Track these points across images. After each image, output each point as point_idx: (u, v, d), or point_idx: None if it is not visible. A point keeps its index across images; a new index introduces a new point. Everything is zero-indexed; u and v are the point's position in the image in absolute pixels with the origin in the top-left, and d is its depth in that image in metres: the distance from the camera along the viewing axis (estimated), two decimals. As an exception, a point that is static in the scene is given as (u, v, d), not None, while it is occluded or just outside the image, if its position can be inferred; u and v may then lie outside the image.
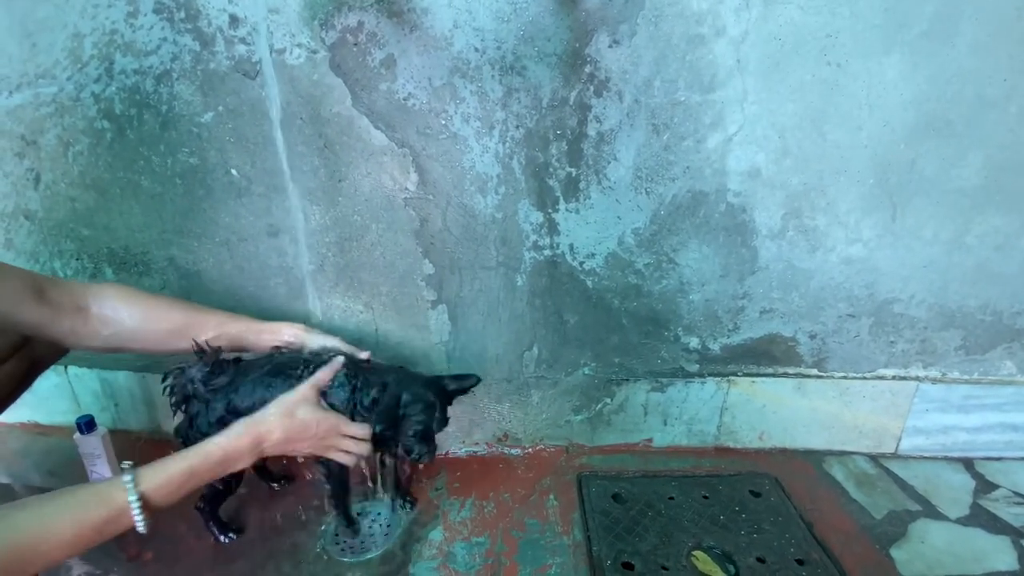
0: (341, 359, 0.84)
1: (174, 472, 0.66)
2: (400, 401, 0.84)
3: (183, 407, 0.87)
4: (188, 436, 0.86)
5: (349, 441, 0.80)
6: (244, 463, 0.73)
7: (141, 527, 0.63)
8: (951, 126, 0.94)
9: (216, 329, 0.86)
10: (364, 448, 0.82)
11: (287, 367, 0.84)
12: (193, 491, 0.69)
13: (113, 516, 0.62)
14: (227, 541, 0.94)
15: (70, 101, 0.99)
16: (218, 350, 0.86)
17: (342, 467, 0.88)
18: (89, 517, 0.60)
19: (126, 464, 0.65)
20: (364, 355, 0.89)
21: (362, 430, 0.81)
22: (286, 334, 0.89)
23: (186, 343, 0.84)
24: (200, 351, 0.84)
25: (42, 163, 1.04)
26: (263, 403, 0.77)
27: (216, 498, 0.93)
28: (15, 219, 1.09)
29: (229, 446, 0.70)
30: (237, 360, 0.89)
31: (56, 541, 0.58)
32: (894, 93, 0.92)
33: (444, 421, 0.87)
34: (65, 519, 0.59)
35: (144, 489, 0.63)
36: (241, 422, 0.74)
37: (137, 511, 0.62)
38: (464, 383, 0.90)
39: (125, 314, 0.81)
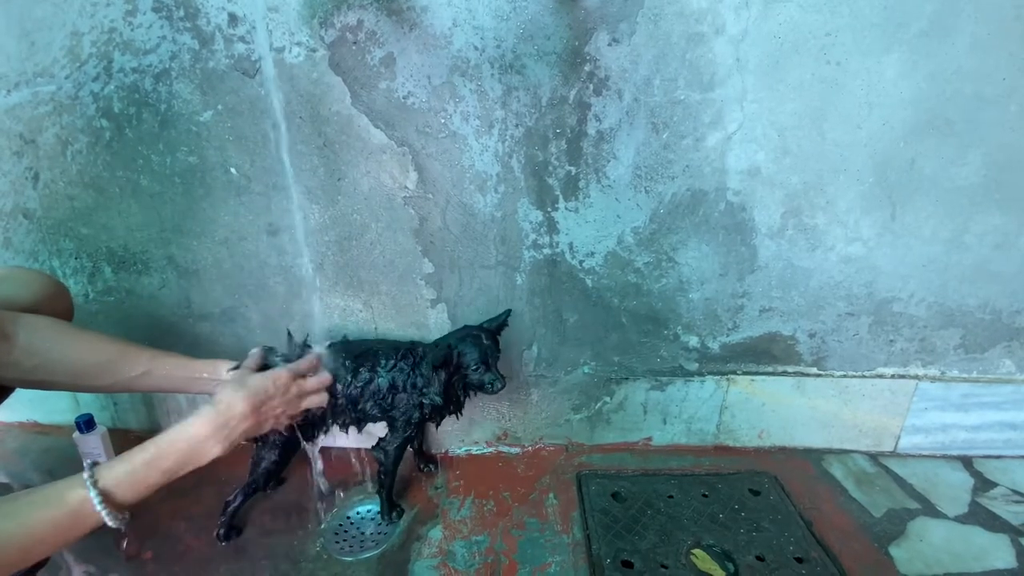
0: (316, 352, 0.85)
1: (137, 464, 0.64)
2: (452, 348, 0.91)
3: None
4: None
5: (308, 387, 0.80)
6: (214, 449, 0.69)
7: (111, 522, 0.61)
8: (950, 125, 0.94)
9: (148, 364, 0.81)
10: (325, 384, 0.82)
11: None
12: (163, 485, 0.66)
13: (72, 517, 0.59)
14: (223, 544, 0.93)
15: (68, 100, 0.99)
16: (304, 342, 0.89)
17: (397, 453, 0.96)
18: (49, 520, 0.58)
19: (86, 462, 0.63)
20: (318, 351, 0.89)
21: (319, 380, 0.81)
22: (223, 372, 0.83)
23: (112, 379, 0.80)
24: (289, 336, 0.89)
25: (40, 162, 1.03)
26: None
27: (248, 495, 0.94)
28: (14, 218, 1.08)
29: (192, 430, 0.68)
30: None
31: (14, 550, 0.56)
32: (893, 92, 0.92)
33: (497, 350, 0.95)
34: (19, 527, 0.57)
35: (105, 485, 0.61)
36: (200, 408, 0.70)
37: (100, 507, 0.60)
38: (497, 320, 0.98)
39: (53, 344, 0.76)
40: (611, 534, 0.94)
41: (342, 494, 1.05)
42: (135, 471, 0.64)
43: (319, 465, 0.98)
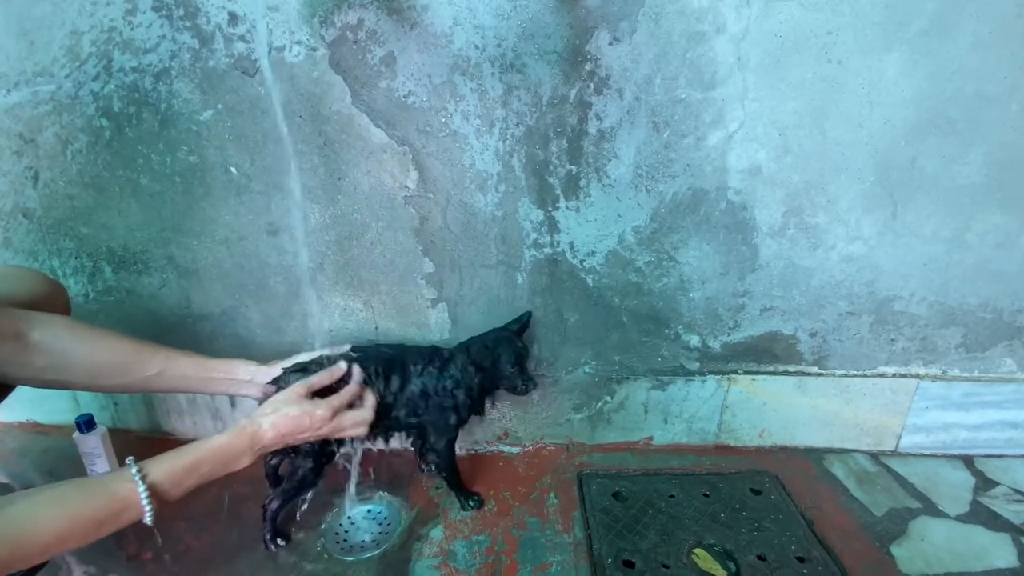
0: (342, 365, 0.85)
1: (178, 466, 0.67)
2: (490, 349, 0.94)
3: None
4: None
5: (347, 423, 0.81)
6: (245, 461, 0.73)
7: (149, 519, 0.63)
8: (952, 123, 0.94)
9: (163, 363, 0.81)
10: (366, 418, 0.84)
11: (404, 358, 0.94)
12: (196, 488, 0.69)
13: (116, 509, 0.61)
14: (275, 550, 0.92)
15: (68, 99, 0.98)
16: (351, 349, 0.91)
17: (450, 444, 0.97)
18: (91, 509, 0.60)
19: (129, 459, 0.65)
20: (343, 348, 0.92)
21: (359, 415, 0.83)
22: (241, 371, 0.85)
23: (128, 378, 0.80)
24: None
25: (40, 161, 1.03)
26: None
27: (288, 498, 0.92)
28: (14, 217, 1.08)
29: (230, 443, 0.71)
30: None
31: (51, 535, 0.57)
32: (895, 90, 0.92)
33: (527, 350, 0.98)
34: (62, 512, 0.58)
35: (152, 481, 0.63)
36: (241, 422, 0.75)
37: (147, 502, 0.62)
38: (520, 321, 1.00)
39: (68, 343, 0.76)
40: (612, 534, 0.94)
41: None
42: (177, 471, 0.66)
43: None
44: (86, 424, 1.00)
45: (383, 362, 0.91)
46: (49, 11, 0.93)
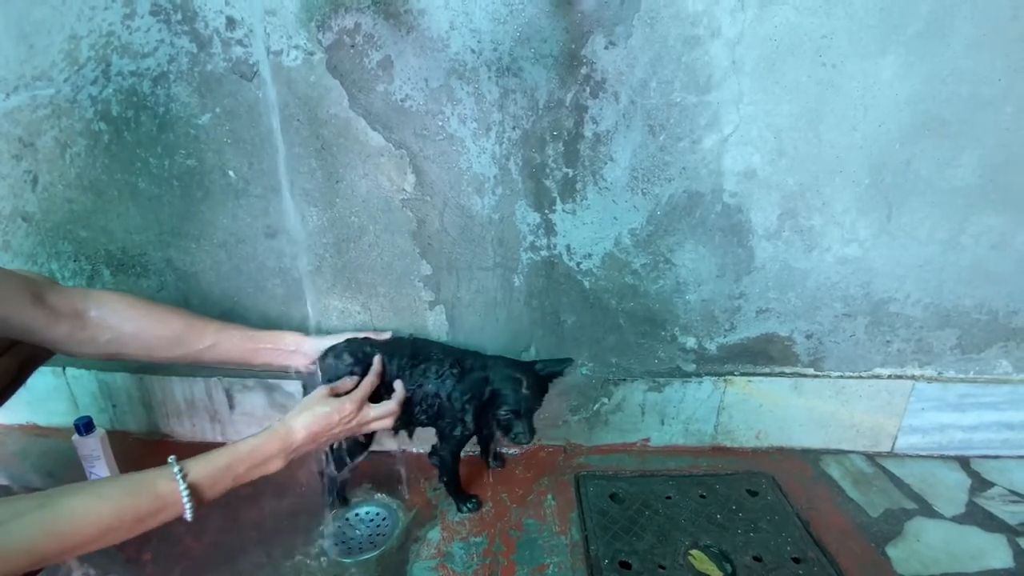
0: (378, 365, 0.88)
1: (216, 466, 0.68)
2: (487, 383, 0.90)
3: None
4: None
5: (372, 415, 0.84)
6: (277, 464, 0.74)
7: (190, 515, 0.65)
8: (946, 126, 0.95)
9: (215, 336, 0.86)
10: (392, 409, 0.86)
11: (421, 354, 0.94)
12: (230, 489, 0.70)
13: (158, 506, 0.63)
14: (336, 511, 0.99)
15: (67, 103, 0.99)
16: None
17: (453, 454, 0.97)
18: (133, 506, 0.61)
19: (171, 458, 0.67)
20: (385, 335, 0.96)
21: (384, 408, 0.86)
22: (288, 341, 0.90)
23: (183, 350, 0.84)
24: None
25: (39, 165, 1.04)
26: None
27: (341, 463, 0.96)
28: (13, 221, 1.09)
29: (262, 446, 0.73)
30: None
31: (94, 529, 0.59)
32: (889, 93, 0.92)
33: (538, 400, 0.93)
34: (106, 507, 0.60)
35: (191, 480, 0.65)
36: (273, 426, 0.76)
37: (187, 499, 0.64)
38: (552, 367, 0.95)
39: (125, 318, 0.81)
40: (609, 535, 0.94)
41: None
42: (215, 472, 0.68)
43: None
44: (85, 427, 1.00)
45: (408, 356, 0.92)
46: (48, 15, 0.94)
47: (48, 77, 0.98)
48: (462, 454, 1.01)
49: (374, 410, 0.85)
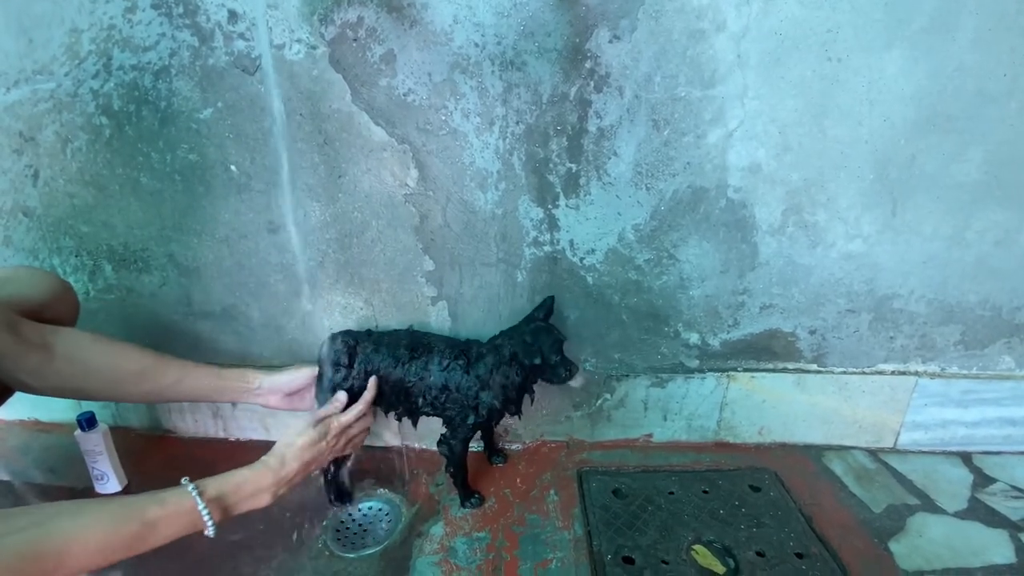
0: (341, 397, 0.90)
1: (210, 496, 0.69)
2: (531, 344, 0.91)
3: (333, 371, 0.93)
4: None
5: (353, 431, 0.88)
6: (267, 499, 0.75)
7: (211, 531, 0.68)
8: (951, 121, 0.94)
9: (180, 372, 0.86)
10: (365, 425, 0.89)
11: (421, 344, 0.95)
12: (219, 522, 0.70)
13: (147, 532, 0.64)
14: (339, 509, 1.00)
15: (68, 97, 0.98)
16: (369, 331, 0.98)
17: (463, 443, 0.97)
18: (123, 531, 0.62)
19: (184, 479, 0.69)
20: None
21: (354, 412, 0.88)
22: (251, 380, 0.91)
23: (149, 386, 0.84)
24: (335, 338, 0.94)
25: (40, 160, 1.03)
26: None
27: (340, 460, 0.97)
28: (13, 216, 1.08)
29: (256, 478, 0.74)
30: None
31: (84, 553, 0.58)
32: (895, 88, 0.92)
33: (562, 334, 0.95)
34: (99, 532, 0.59)
35: (184, 509, 0.67)
36: (264, 459, 0.77)
37: (207, 516, 0.67)
38: (544, 307, 0.97)
39: (93, 353, 0.81)
40: (612, 530, 0.94)
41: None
42: (209, 502, 0.69)
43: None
44: (87, 422, 1.00)
45: (409, 347, 0.93)
46: (48, 9, 0.93)
47: (49, 71, 0.97)
48: (472, 449, 1.01)
49: (355, 428, 0.88)
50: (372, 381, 0.92)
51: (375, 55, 0.91)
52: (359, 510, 1.02)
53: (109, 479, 1.03)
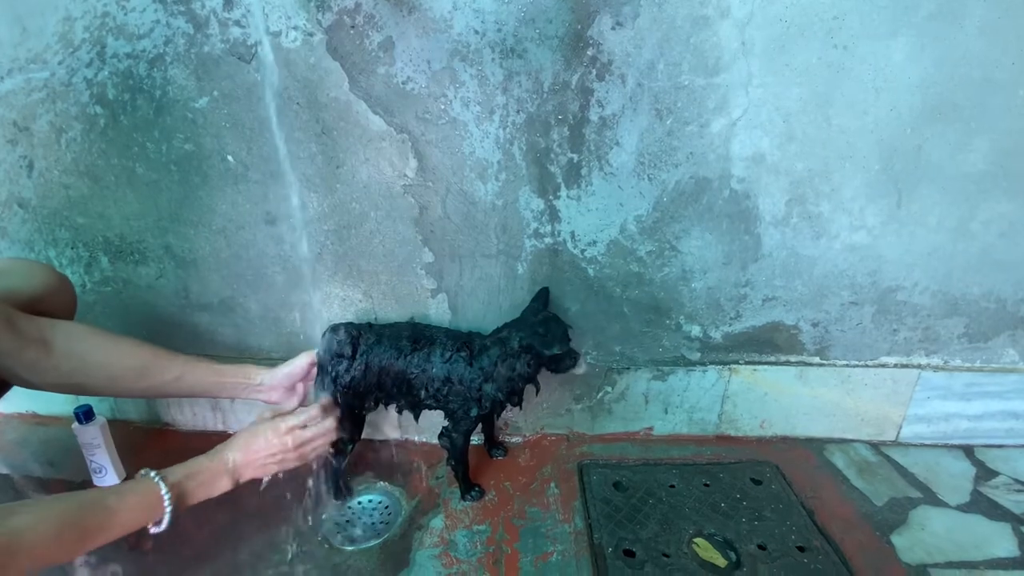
0: (312, 410, 0.85)
1: (170, 481, 0.69)
2: (541, 334, 0.90)
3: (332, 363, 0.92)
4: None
5: (309, 435, 0.82)
6: (225, 484, 0.75)
7: (167, 519, 0.68)
8: (958, 110, 0.93)
9: (181, 368, 0.84)
10: (327, 430, 0.84)
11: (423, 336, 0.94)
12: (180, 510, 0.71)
13: (108, 520, 0.63)
14: (339, 501, 1.00)
15: (62, 86, 0.97)
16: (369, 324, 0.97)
17: (465, 435, 0.96)
18: (80, 520, 0.61)
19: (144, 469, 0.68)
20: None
21: (315, 430, 0.82)
22: (252, 376, 0.89)
23: (148, 382, 0.83)
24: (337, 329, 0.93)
25: (35, 150, 1.02)
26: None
27: (337, 452, 0.96)
28: (8, 207, 1.07)
29: (211, 465, 0.74)
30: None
31: (43, 544, 0.58)
32: (901, 76, 0.91)
33: (568, 323, 0.93)
34: (53, 524, 0.59)
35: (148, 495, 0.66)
36: (217, 447, 0.77)
37: (166, 507, 0.67)
38: (541, 299, 0.97)
39: (91, 348, 0.79)
40: (613, 523, 0.94)
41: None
42: (171, 486, 0.69)
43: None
44: (85, 415, 0.99)
45: (411, 339, 0.93)
46: (41, -4, 0.92)
47: (42, 60, 0.96)
48: (472, 443, 1.01)
49: (307, 433, 0.81)
50: (324, 399, 0.88)
51: (373, 42, 0.89)
52: (359, 503, 1.02)
53: (107, 472, 1.02)
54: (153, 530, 0.68)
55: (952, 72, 0.91)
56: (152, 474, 0.68)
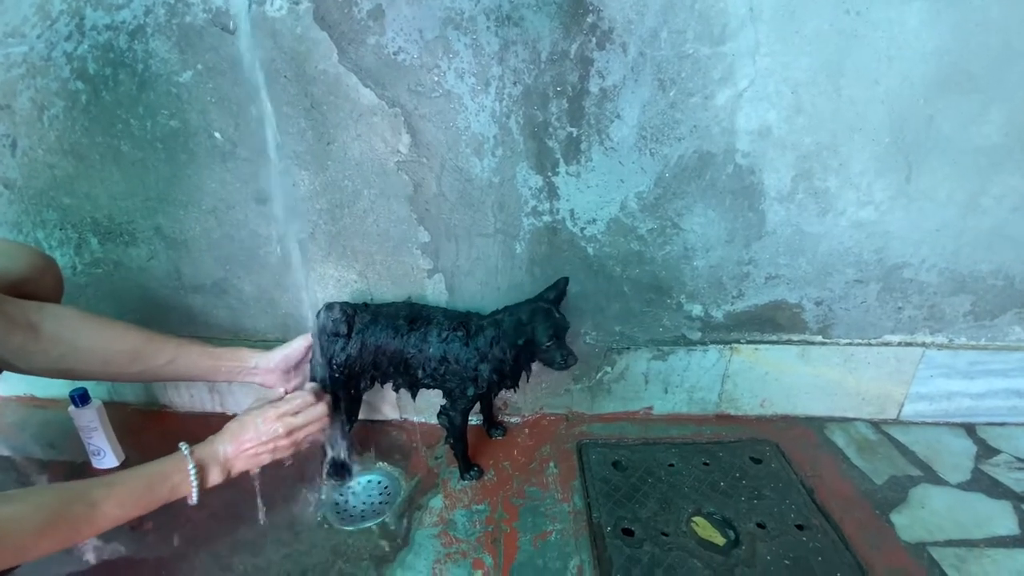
0: (306, 396, 0.84)
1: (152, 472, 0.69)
2: (524, 324, 0.88)
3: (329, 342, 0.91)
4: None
5: (301, 421, 0.81)
6: (214, 479, 0.75)
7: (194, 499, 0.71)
8: (973, 80, 0.89)
9: (174, 352, 0.83)
10: (319, 415, 0.83)
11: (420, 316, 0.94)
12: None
13: (91, 514, 0.63)
14: (329, 482, 0.99)
15: (41, 61, 0.93)
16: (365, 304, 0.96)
17: (463, 413, 0.96)
18: (64, 513, 0.61)
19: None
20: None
21: (295, 403, 0.81)
22: (247, 359, 0.87)
23: (140, 366, 0.81)
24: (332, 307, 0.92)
25: (17, 128, 0.99)
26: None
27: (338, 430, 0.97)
28: (-7, 188, 1.05)
29: (196, 453, 0.74)
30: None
31: (28, 536, 0.57)
32: (915, 43, 0.87)
33: (566, 322, 0.91)
34: (39, 515, 0.58)
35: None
36: (208, 441, 0.77)
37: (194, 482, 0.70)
38: (556, 289, 0.93)
39: (81, 332, 0.77)
40: (612, 502, 0.94)
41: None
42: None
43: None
44: (80, 398, 0.99)
45: (408, 318, 0.92)
46: (14, -36, 0.87)
47: (20, 33, 0.92)
48: (471, 422, 1.00)
49: (300, 417, 0.81)
50: (309, 387, 0.87)
51: (362, 10, 0.85)
52: (358, 483, 1.02)
53: (106, 454, 1.02)
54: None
55: (969, 39, 0.87)
56: (185, 452, 0.70)
